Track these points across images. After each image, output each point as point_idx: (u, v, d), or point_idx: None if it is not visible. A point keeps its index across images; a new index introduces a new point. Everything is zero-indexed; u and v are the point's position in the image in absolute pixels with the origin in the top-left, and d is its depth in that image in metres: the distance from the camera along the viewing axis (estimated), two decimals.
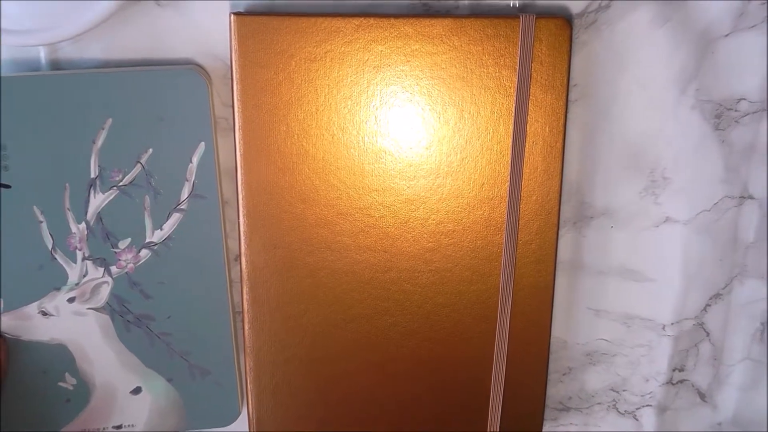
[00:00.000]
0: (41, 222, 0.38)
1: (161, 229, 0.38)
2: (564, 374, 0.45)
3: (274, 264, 0.40)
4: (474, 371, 0.42)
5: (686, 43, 0.39)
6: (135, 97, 0.37)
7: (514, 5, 0.38)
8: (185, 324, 0.40)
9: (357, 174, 0.39)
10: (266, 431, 0.43)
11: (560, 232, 0.41)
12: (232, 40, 0.37)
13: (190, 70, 0.37)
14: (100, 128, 0.37)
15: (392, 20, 0.37)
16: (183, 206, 0.38)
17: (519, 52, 0.37)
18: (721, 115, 0.40)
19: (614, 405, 0.45)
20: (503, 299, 0.40)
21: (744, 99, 0.40)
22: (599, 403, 0.45)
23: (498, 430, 0.42)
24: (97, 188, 0.37)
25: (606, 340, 0.44)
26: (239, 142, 0.38)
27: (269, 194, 0.39)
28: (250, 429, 0.43)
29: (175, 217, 0.38)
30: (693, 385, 0.45)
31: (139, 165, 0.37)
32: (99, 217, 0.38)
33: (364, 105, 0.38)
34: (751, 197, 0.41)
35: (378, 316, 0.41)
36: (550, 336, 0.41)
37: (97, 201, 0.38)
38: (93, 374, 0.41)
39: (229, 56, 0.37)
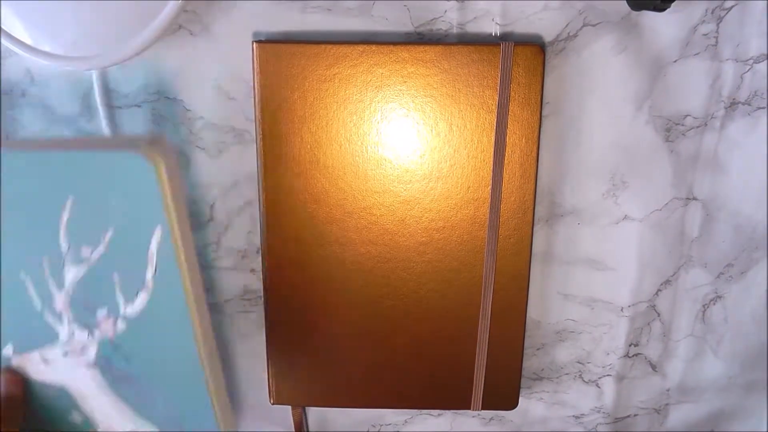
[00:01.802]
0: (28, 285, 0.35)
1: (132, 304, 0.35)
2: (538, 349, 0.45)
3: (291, 255, 0.40)
4: (461, 347, 0.42)
5: (641, 68, 0.39)
6: (93, 179, 0.32)
7: (495, 34, 0.38)
8: (167, 383, 0.37)
9: (361, 178, 0.39)
10: (284, 402, 0.43)
11: (535, 228, 0.41)
12: (255, 64, 0.37)
13: (136, 155, 0.31)
14: (63, 205, 0.33)
15: (391, 47, 0.37)
16: (149, 285, 0.34)
17: (500, 75, 0.37)
18: (671, 129, 0.40)
19: (580, 375, 0.45)
20: (486, 286, 0.41)
21: (689, 115, 0.40)
22: (567, 374, 0.45)
23: (481, 396, 0.42)
24: (70, 261, 0.34)
25: (573, 320, 0.44)
26: (260, 151, 0.38)
27: (286, 195, 0.39)
28: (270, 399, 0.43)
29: (143, 296, 0.34)
30: (646, 358, 0.45)
31: (103, 244, 0.34)
32: (76, 287, 0.35)
33: (367, 119, 0.38)
34: (695, 199, 0.42)
35: (379, 299, 0.41)
36: (525, 317, 0.41)
37: (72, 273, 0.34)
38: (94, 416, 0.38)
39: (251, 78, 0.38)
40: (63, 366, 0.37)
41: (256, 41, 0.37)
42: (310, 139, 0.39)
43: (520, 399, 0.43)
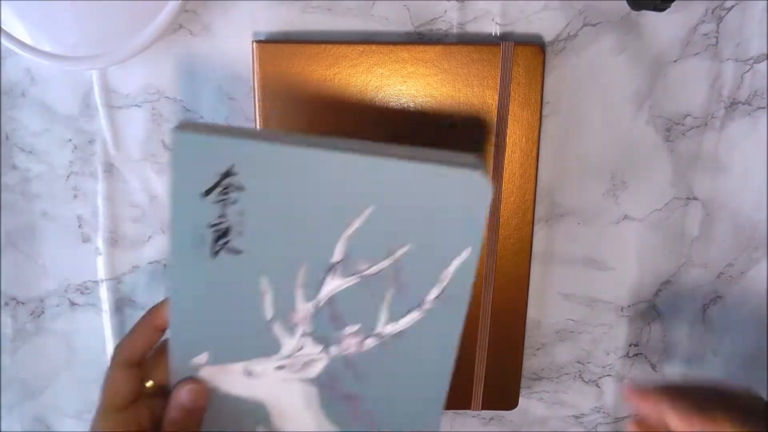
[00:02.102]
0: (266, 294, 0.32)
1: (395, 323, 0.32)
2: (538, 349, 0.45)
3: None
4: (461, 347, 0.40)
5: (641, 68, 0.39)
6: (406, 191, 0.29)
7: (495, 34, 0.39)
8: (395, 408, 0.34)
9: None
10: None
11: (535, 228, 0.41)
12: (254, 64, 0.37)
13: (477, 174, 0.28)
14: (356, 215, 0.30)
15: (391, 47, 0.37)
16: (426, 306, 0.31)
17: (500, 75, 0.37)
18: (671, 129, 0.40)
19: (580, 375, 0.45)
20: (486, 286, 0.41)
21: (689, 115, 0.40)
22: (567, 374, 0.45)
23: (481, 396, 0.42)
24: (337, 272, 0.31)
25: (573, 320, 0.44)
26: None
27: None
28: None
29: (414, 315, 0.32)
30: (646, 358, 0.45)
31: (390, 259, 0.31)
32: (331, 299, 0.32)
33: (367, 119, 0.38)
34: (695, 199, 0.42)
35: None
36: (525, 317, 0.41)
37: (334, 284, 0.31)
38: None
39: (251, 78, 0.38)
40: (270, 380, 0.34)
41: (256, 41, 0.37)
42: None
43: (520, 399, 0.43)
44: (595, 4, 0.38)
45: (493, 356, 0.41)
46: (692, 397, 0.32)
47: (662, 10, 0.36)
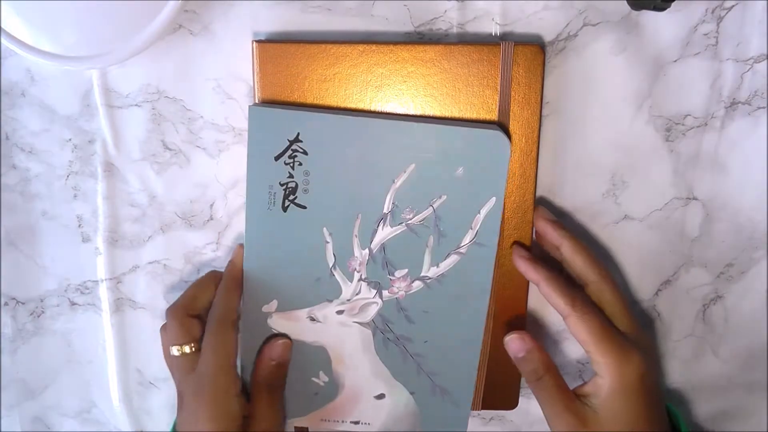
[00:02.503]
0: (327, 242, 0.37)
1: (437, 266, 0.38)
2: None
3: None
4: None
5: (641, 67, 0.39)
6: (441, 149, 0.36)
7: (495, 34, 0.39)
8: (439, 349, 0.39)
9: None
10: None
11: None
12: (254, 63, 0.37)
13: (498, 131, 0.36)
14: (402, 171, 0.36)
15: (391, 46, 0.37)
16: (462, 250, 0.37)
17: (500, 74, 0.37)
18: (671, 129, 0.40)
19: (580, 375, 0.45)
20: None
21: (689, 115, 0.40)
22: (567, 374, 0.45)
23: (482, 396, 0.42)
24: (387, 222, 0.37)
25: None
26: None
27: None
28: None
29: (453, 259, 0.37)
30: None
31: (430, 208, 0.37)
32: (383, 246, 0.37)
33: None
34: (695, 198, 0.42)
35: None
36: (525, 317, 0.41)
37: (384, 233, 0.37)
38: (344, 376, 0.40)
39: (251, 77, 0.38)
40: (332, 324, 0.39)
41: (256, 41, 0.37)
42: None
43: (520, 399, 0.43)
44: (595, 4, 0.38)
45: (493, 356, 0.41)
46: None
47: (662, 10, 0.36)
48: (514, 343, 0.38)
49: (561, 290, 0.36)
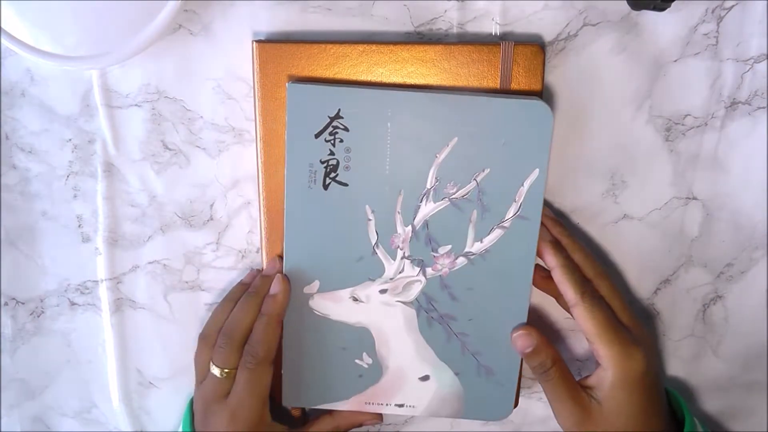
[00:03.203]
0: (370, 220, 0.37)
1: (481, 242, 0.37)
2: None
3: None
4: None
5: (641, 67, 0.39)
6: (483, 122, 0.35)
7: (495, 34, 0.39)
8: (483, 328, 0.39)
9: None
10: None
11: None
12: (254, 63, 0.37)
13: (540, 102, 0.35)
14: (444, 145, 0.36)
15: (391, 46, 0.37)
16: (506, 224, 0.36)
17: (500, 74, 0.37)
18: (671, 129, 0.40)
19: (579, 374, 0.44)
20: None
21: (689, 115, 0.40)
22: None
23: None
24: (430, 197, 0.36)
25: (573, 320, 0.42)
26: (260, 152, 0.38)
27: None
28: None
29: (497, 233, 0.37)
30: None
31: (474, 182, 0.36)
32: (426, 222, 0.37)
33: None
34: (695, 198, 0.42)
35: None
36: (526, 317, 0.40)
37: (428, 209, 0.36)
38: (388, 357, 0.39)
39: (251, 77, 0.38)
40: (375, 304, 0.38)
41: (256, 41, 0.37)
42: None
43: (520, 399, 0.43)
44: (595, 4, 0.38)
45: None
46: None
47: (662, 9, 0.36)
48: (522, 339, 0.38)
49: (574, 279, 0.37)
